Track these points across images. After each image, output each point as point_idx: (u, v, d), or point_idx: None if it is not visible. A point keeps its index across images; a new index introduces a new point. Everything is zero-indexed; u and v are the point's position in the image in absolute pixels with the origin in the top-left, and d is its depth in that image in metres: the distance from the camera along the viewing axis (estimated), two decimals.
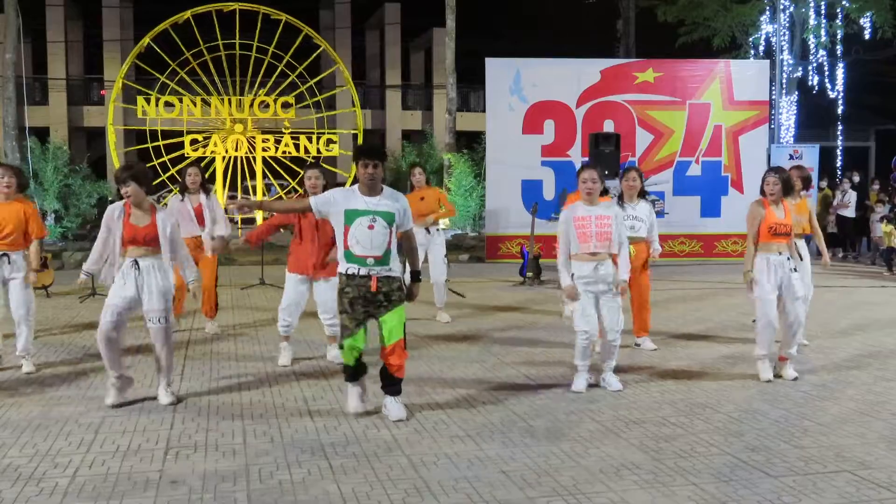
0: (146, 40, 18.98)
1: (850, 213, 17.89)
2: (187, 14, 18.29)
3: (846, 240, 18.28)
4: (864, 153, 35.88)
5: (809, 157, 17.99)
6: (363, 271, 5.38)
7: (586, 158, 15.73)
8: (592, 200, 6.34)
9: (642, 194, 8.00)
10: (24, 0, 22.56)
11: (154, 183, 9.79)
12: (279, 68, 19.20)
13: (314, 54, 20.43)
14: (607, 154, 14.48)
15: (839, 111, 25.37)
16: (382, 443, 5.13)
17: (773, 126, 20.96)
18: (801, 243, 8.16)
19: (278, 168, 19.26)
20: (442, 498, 4.25)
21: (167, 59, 19.08)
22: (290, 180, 19.48)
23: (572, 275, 6.33)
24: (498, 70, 16.92)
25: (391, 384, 5.64)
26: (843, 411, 5.89)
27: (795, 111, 23.11)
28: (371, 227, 5.36)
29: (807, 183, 8.13)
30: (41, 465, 4.72)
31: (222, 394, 6.31)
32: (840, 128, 27.32)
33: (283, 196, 19.95)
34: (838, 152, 27.31)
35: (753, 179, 8.41)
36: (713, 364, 7.16)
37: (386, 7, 33.08)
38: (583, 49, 21.97)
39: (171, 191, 19.83)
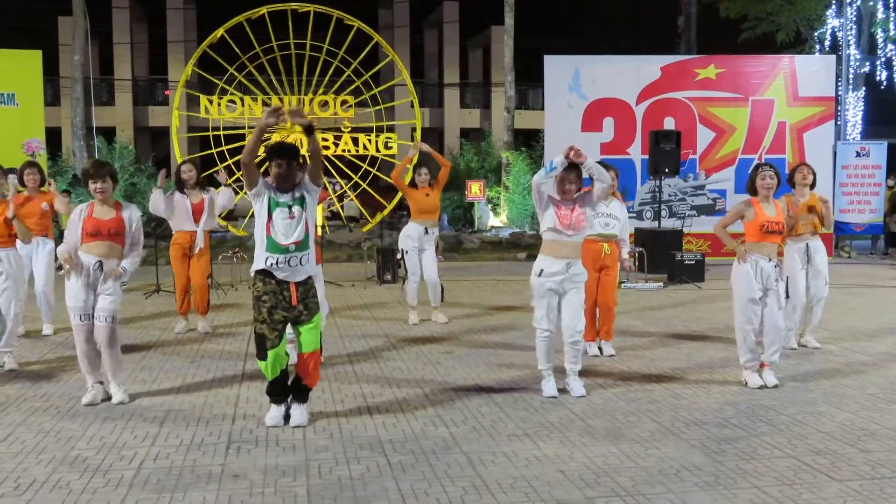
0: (195, 58, 19.38)
1: None
2: (243, 18, 18.52)
3: None
4: None
5: (877, 154, 17.56)
6: (280, 275, 5.29)
7: (645, 157, 15.62)
8: (570, 199, 6.11)
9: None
10: (91, 3, 23.18)
11: (206, 174, 9.94)
12: (334, 64, 19.32)
13: (381, 63, 20.63)
14: (668, 151, 14.36)
15: None
16: (440, 440, 5.14)
17: (839, 123, 20.51)
18: (817, 244, 7.90)
19: (341, 165, 19.43)
20: (500, 496, 4.25)
21: (226, 64, 19.35)
22: (342, 181, 19.66)
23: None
24: (556, 67, 16.84)
25: (302, 391, 5.57)
26: None
27: (863, 107, 22.57)
28: (292, 217, 5.31)
29: (813, 180, 7.78)
30: (108, 457, 4.83)
31: None
32: None
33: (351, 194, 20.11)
34: None
35: (820, 177, 8.13)
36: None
37: (444, 5, 33.17)
38: (643, 46, 21.79)
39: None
